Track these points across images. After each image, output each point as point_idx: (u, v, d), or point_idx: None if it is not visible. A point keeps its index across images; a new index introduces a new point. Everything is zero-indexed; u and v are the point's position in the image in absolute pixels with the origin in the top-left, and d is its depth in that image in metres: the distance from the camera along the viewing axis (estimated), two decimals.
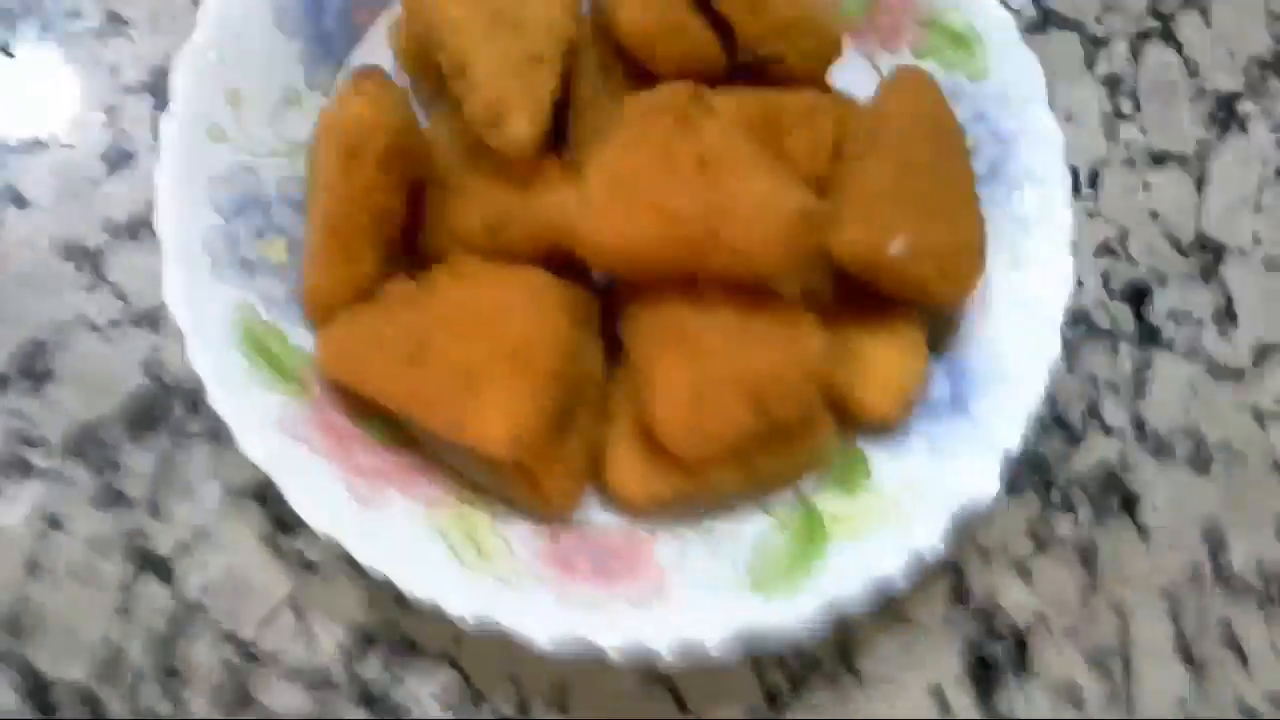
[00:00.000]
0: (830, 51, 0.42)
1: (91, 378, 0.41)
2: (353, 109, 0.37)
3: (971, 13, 0.45)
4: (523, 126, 0.37)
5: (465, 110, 0.38)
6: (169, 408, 0.42)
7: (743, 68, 0.43)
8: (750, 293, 0.38)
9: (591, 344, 0.40)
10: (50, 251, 0.42)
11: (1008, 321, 0.42)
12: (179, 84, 0.40)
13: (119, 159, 0.44)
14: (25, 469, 0.40)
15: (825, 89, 0.44)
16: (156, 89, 0.45)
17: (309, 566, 0.40)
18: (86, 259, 0.43)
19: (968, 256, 0.42)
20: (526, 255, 0.39)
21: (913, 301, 0.41)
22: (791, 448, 0.40)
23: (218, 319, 0.38)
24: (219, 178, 0.40)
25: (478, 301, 0.37)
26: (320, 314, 0.39)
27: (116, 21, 0.45)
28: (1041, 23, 0.52)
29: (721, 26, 0.42)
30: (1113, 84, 0.51)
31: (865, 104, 0.44)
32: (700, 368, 0.37)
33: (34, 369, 0.41)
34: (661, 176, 0.36)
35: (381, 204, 0.38)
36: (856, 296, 0.41)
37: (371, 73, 0.38)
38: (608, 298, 0.41)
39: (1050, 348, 0.41)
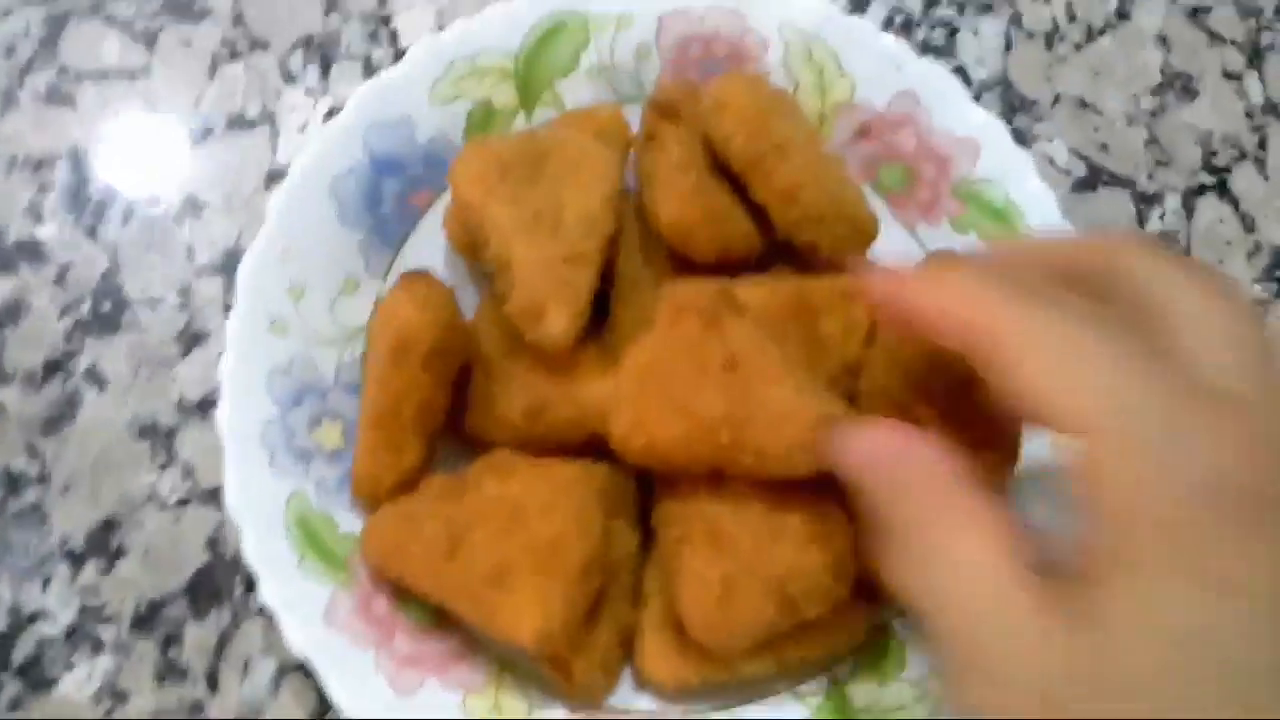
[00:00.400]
0: (864, 238, 0.43)
1: (159, 554, 0.44)
2: (402, 310, 0.39)
3: (1010, 187, 0.46)
4: (560, 324, 0.39)
5: (507, 306, 0.40)
6: (230, 584, 0.44)
7: (783, 245, 0.44)
8: (781, 488, 0.38)
9: (626, 528, 0.41)
10: (126, 431, 0.45)
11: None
12: (243, 282, 0.42)
13: (192, 340, 0.46)
14: (97, 645, 0.42)
15: (865, 267, 0.45)
16: (229, 269, 0.47)
17: None
18: (159, 438, 0.45)
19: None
20: (565, 441, 0.40)
21: None
22: (822, 638, 0.40)
23: (272, 513, 0.40)
24: (279, 369, 0.42)
25: (512, 497, 0.38)
26: (369, 500, 0.41)
27: (193, 204, 0.48)
28: (1091, 180, 0.51)
29: (758, 211, 0.43)
30: (1166, 242, 0.51)
31: None
32: (729, 563, 0.37)
33: (108, 547, 0.44)
34: (689, 378, 0.37)
35: (426, 398, 0.40)
36: None
37: (421, 275, 0.40)
38: (644, 479, 0.42)
39: None
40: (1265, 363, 0.28)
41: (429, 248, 0.45)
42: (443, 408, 0.41)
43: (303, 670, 0.42)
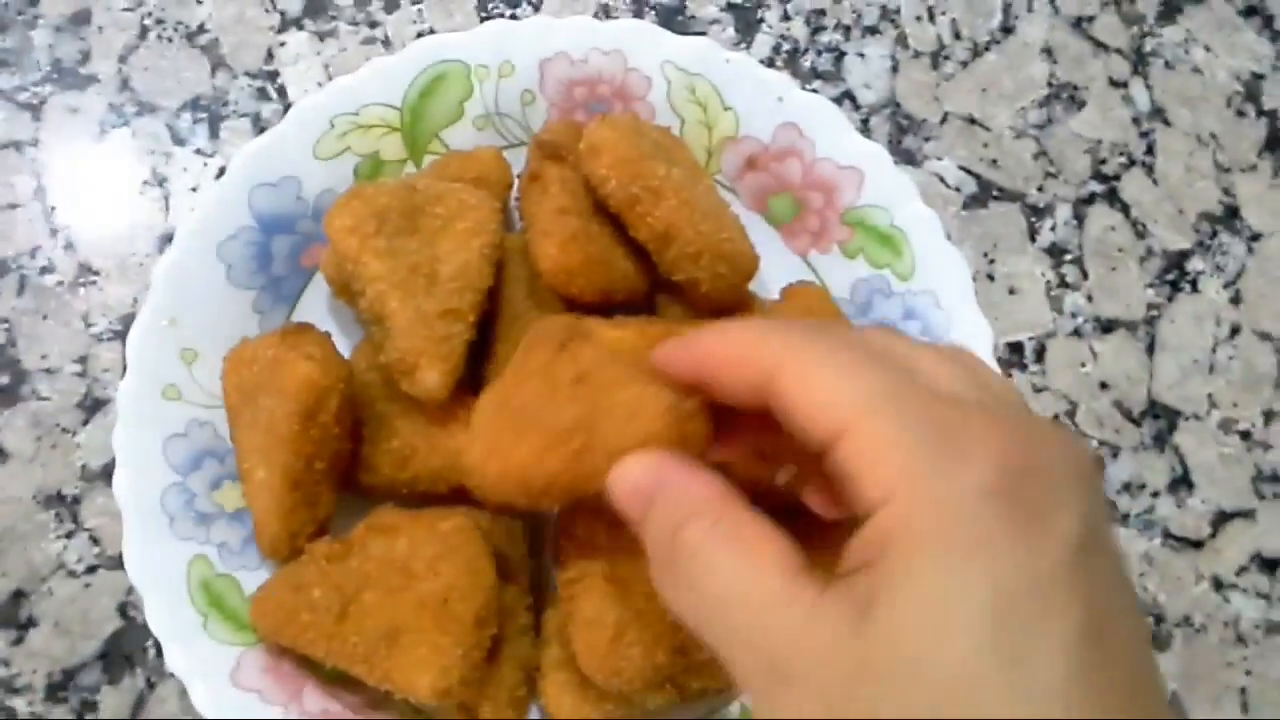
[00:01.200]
0: (743, 274, 0.44)
1: (70, 622, 0.44)
2: (300, 372, 0.39)
3: (895, 213, 0.46)
4: (433, 379, 0.39)
5: (382, 356, 0.40)
6: (143, 648, 0.44)
7: (667, 285, 0.44)
8: None
9: (520, 569, 0.41)
10: (31, 502, 0.45)
11: None
12: (132, 351, 0.42)
13: (93, 407, 0.47)
14: (11, 717, 0.43)
15: (747, 301, 0.45)
16: (126, 335, 0.47)
17: None
18: (64, 507, 0.45)
19: None
20: (433, 490, 0.41)
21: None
22: (721, 669, 0.41)
23: (174, 578, 0.41)
24: (175, 435, 0.42)
25: (399, 556, 0.39)
26: (285, 557, 0.41)
27: (87, 271, 0.48)
28: (982, 197, 0.52)
29: (642, 250, 0.44)
30: (1056, 253, 0.52)
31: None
32: (622, 609, 0.38)
33: (17, 617, 0.44)
34: (541, 399, 0.36)
35: (336, 450, 0.41)
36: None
37: (303, 330, 0.41)
38: (537, 521, 0.42)
39: None
40: (987, 385, 0.29)
41: (323, 302, 0.46)
42: (349, 453, 0.42)
43: None
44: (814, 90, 0.53)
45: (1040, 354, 0.50)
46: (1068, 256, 0.52)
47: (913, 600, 0.25)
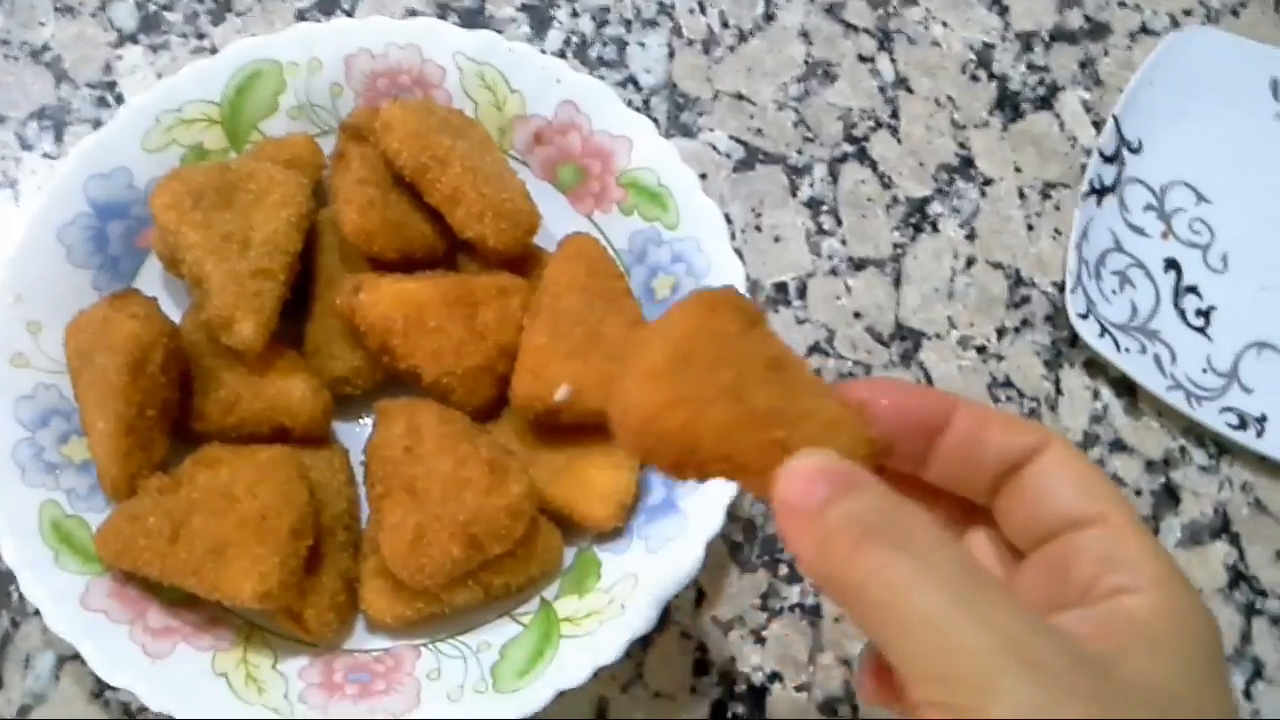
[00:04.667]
0: (524, 229, 0.50)
1: None
2: (126, 329, 0.45)
3: (660, 173, 0.54)
4: (248, 330, 0.45)
5: (203, 314, 0.46)
6: (6, 591, 0.49)
7: (463, 244, 0.51)
8: (466, 446, 0.46)
9: (337, 493, 0.48)
10: None
11: None
12: None
13: None
14: None
15: (533, 255, 0.52)
16: None
17: (138, 713, 0.47)
18: None
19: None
20: (256, 432, 0.47)
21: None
22: (520, 565, 0.47)
23: (27, 520, 0.46)
24: (24, 397, 0.48)
25: (222, 483, 0.44)
26: (126, 497, 0.47)
27: None
28: (749, 160, 0.60)
29: (438, 216, 0.50)
30: (815, 205, 0.59)
31: None
32: (420, 513, 0.45)
33: None
34: (732, 370, 0.32)
35: (166, 398, 0.46)
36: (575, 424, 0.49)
37: (129, 294, 0.47)
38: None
39: None
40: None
41: (158, 279, 0.52)
42: (178, 402, 0.47)
43: (79, 659, 0.48)
44: (601, 77, 0.61)
45: (802, 291, 0.58)
46: (824, 208, 0.60)
47: (1138, 692, 0.28)
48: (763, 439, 0.32)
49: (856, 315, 0.58)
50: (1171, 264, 0.60)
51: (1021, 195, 0.61)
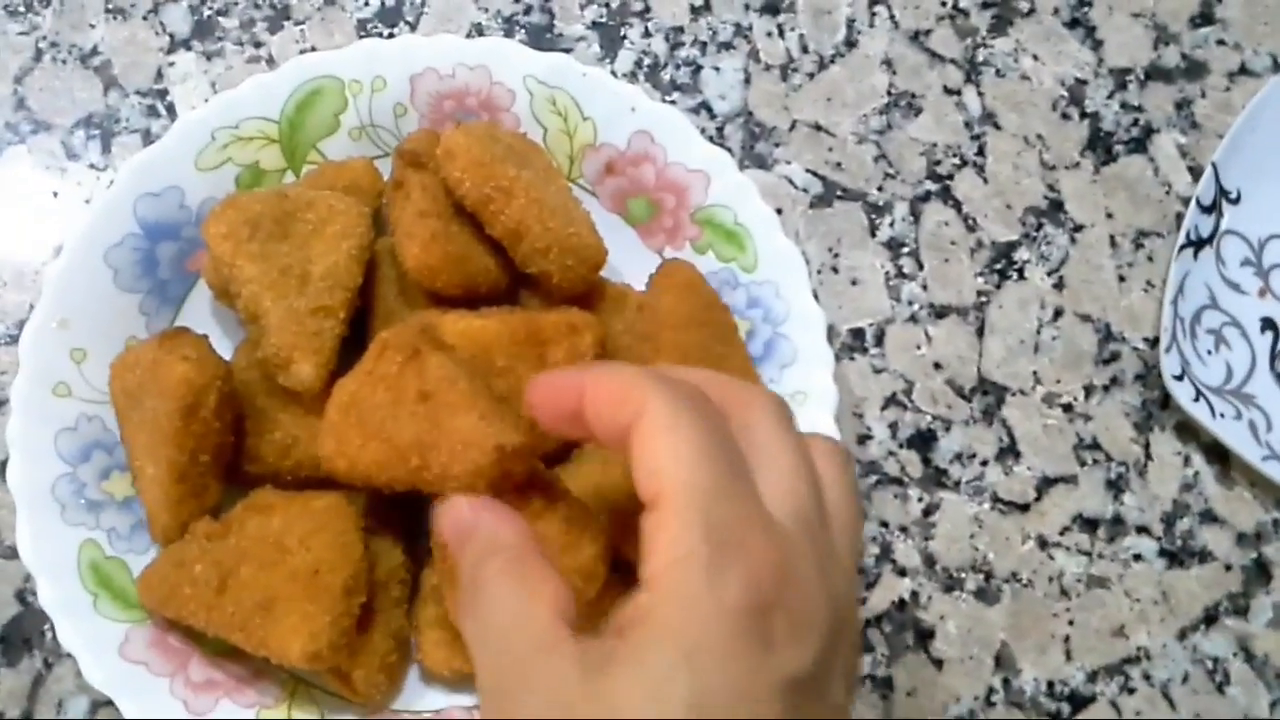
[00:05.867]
0: (591, 266, 0.48)
1: None
2: (178, 372, 0.42)
3: (738, 211, 0.51)
4: (307, 371, 0.43)
5: (259, 352, 0.44)
6: (40, 631, 0.47)
7: (526, 278, 0.48)
8: (541, 503, 0.41)
9: (390, 545, 0.45)
10: None
11: None
12: (24, 351, 0.45)
13: None
14: None
15: (599, 290, 0.49)
16: None
17: None
18: None
19: None
20: (315, 475, 0.44)
21: None
22: (583, 628, 0.45)
23: (65, 561, 0.44)
24: (66, 429, 0.45)
25: (274, 533, 0.42)
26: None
27: None
28: (827, 196, 0.57)
29: (500, 247, 0.48)
30: (895, 247, 0.56)
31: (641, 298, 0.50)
32: None
33: None
34: (386, 409, 0.40)
35: (219, 443, 0.44)
36: None
37: (179, 333, 0.44)
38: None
39: None
40: (814, 514, 0.33)
41: (207, 305, 0.49)
42: (232, 445, 0.45)
43: (113, 705, 0.46)
44: (673, 101, 0.58)
45: (880, 338, 0.55)
46: (905, 250, 0.56)
47: (632, 679, 0.29)
48: (404, 469, 0.39)
49: (937, 366, 0.55)
50: (1269, 324, 0.57)
51: (1113, 243, 0.57)
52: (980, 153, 0.59)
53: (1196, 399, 0.53)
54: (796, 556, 0.31)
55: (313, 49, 0.57)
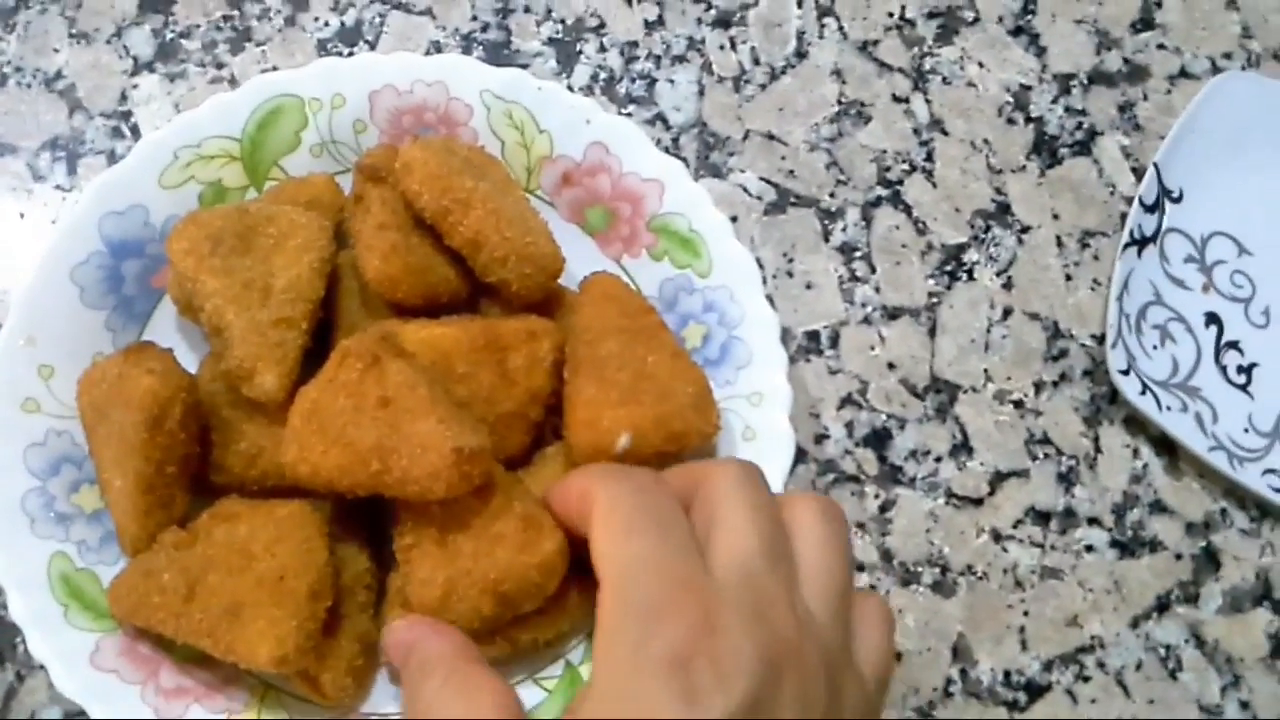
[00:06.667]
0: (548, 274, 0.49)
1: None
2: (143, 385, 0.43)
3: (692, 218, 0.52)
4: (270, 380, 0.44)
5: (223, 364, 0.45)
6: (13, 644, 0.48)
7: (486, 287, 0.50)
8: (500, 502, 0.43)
9: (356, 550, 0.46)
10: None
11: None
12: None
13: None
14: None
15: (557, 297, 0.51)
16: None
17: None
18: None
19: (693, 410, 0.48)
20: (280, 484, 0.45)
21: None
22: (549, 621, 0.46)
23: (34, 573, 0.44)
24: (35, 444, 0.46)
25: (240, 540, 0.43)
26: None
27: None
28: (780, 203, 0.58)
29: (460, 259, 0.49)
30: (847, 251, 0.58)
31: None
32: (451, 566, 0.43)
33: None
34: (347, 415, 0.42)
35: (185, 454, 0.45)
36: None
37: (144, 348, 0.45)
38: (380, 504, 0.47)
39: None
40: (759, 562, 0.35)
41: (172, 321, 0.50)
42: (198, 456, 0.46)
43: (86, 715, 0.46)
44: (628, 114, 0.59)
45: (835, 340, 0.56)
46: (857, 254, 0.58)
47: None
48: (365, 473, 0.41)
49: (890, 366, 0.56)
50: (1213, 318, 0.58)
51: (1059, 244, 0.59)
52: (929, 158, 0.60)
53: (1143, 393, 0.55)
54: (724, 605, 0.34)
55: (274, 69, 0.58)
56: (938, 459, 0.55)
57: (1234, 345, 0.58)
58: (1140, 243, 0.58)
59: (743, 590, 0.34)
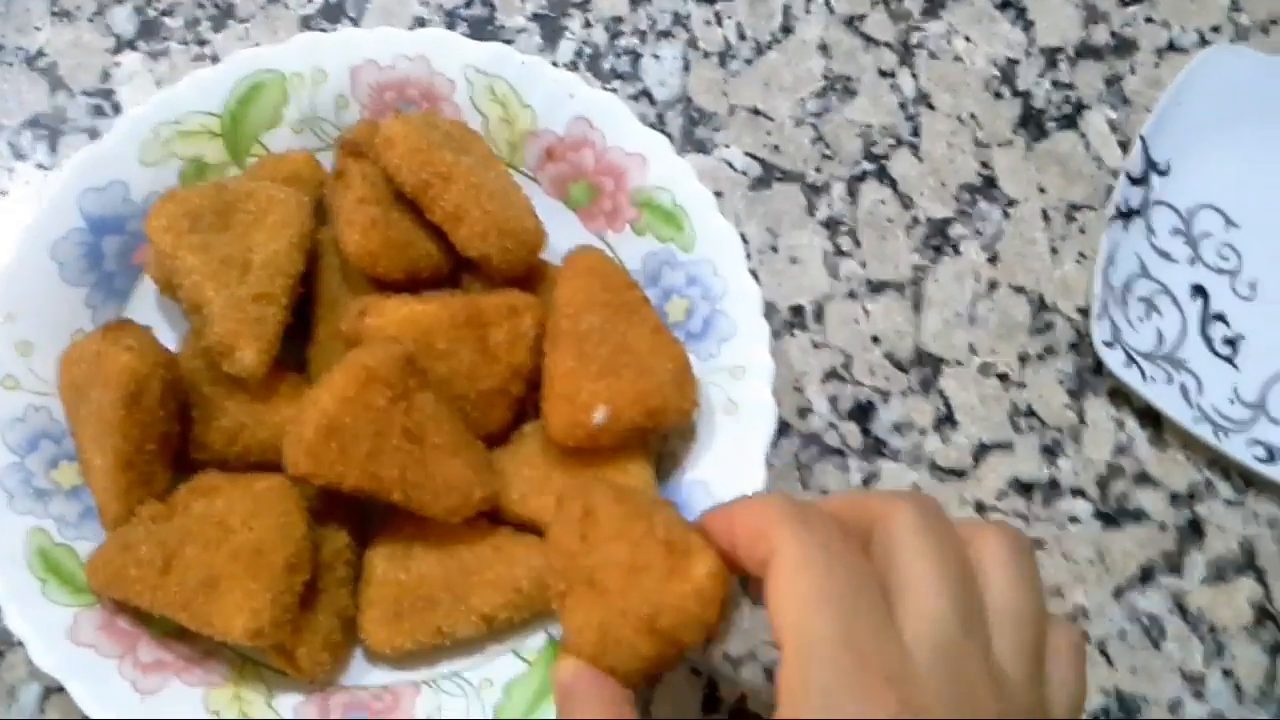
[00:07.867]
0: (528, 248, 0.49)
1: None
2: (120, 362, 0.43)
3: (676, 192, 0.52)
4: (250, 355, 0.44)
5: (203, 340, 0.45)
6: None
7: (467, 262, 0.49)
8: (643, 521, 0.38)
9: (336, 528, 0.46)
10: None
11: (722, 458, 0.49)
12: None
13: None
14: None
15: (539, 271, 0.50)
16: None
17: None
18: None
19: (672, 386, 0.47)
20: (262, 460, 0.45)
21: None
22: (525, 600, 0.46)
23: (12, 548, 0.44)
24: (13, 420, 0.46)
25: (217, 513, 0.43)
26: None
27: None
28: (766, 178, 0.58)
29: (441, 233, 0.49)
30: (833, 225, 0.58)
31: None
32: (603, 607, 0.38)
33: None
34: (372, 441, 0.43)
35: (165, 431, 0.45)
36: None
37: (123, 325, 0.45)
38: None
39: (755, 478, 0.47)
40: (956, 634, 0.32)
41: (153, 298, 0.50)
42: (178, 433, 0.46)
43: (67, 691, 0.46)
44: (614, 90, 0.59)
45: (819, 314, 0.56)
46: (843, 228, 0.58)
47: None
48: (384, 497, 0.43)
49: (875, 340, 0.56)
50: (1199, 290, 0.58)
51: (1045, 217, 0.59)
52: (915, 133, 0.60)
53: (1128, 364, 0.54)
54: (924, 693, 0.31)
55: (257, 46, 0.58)
56: (921, 432, 0.55)
57: (1220, 317, 0.58)
58: (1126, 215, 0.58)
59: (942, 672, 0.32)
